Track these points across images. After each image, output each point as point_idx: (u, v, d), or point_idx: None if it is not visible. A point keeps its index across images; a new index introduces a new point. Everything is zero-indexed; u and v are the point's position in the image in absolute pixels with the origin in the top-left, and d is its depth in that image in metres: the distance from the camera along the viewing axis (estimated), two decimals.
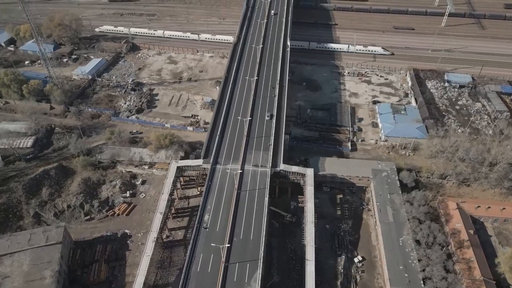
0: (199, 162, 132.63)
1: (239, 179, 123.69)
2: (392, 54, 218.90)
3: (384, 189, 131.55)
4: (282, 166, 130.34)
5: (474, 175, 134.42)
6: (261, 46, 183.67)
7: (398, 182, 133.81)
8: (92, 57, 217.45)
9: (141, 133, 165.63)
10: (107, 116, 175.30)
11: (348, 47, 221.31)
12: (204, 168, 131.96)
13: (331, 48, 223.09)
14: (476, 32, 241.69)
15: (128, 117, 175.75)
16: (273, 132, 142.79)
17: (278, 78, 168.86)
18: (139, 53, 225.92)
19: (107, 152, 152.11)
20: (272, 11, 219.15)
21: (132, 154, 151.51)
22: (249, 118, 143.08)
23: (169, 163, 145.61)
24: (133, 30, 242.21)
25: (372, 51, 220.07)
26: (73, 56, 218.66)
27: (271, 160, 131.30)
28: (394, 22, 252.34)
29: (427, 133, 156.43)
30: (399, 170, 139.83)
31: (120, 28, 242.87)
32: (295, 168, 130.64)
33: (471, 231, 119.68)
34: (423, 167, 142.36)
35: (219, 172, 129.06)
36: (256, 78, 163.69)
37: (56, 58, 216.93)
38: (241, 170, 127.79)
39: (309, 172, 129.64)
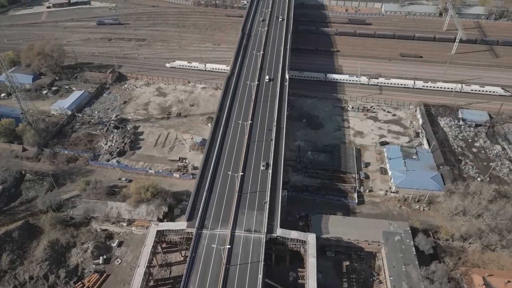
0: (183, 225, 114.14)
1: (228, 252, 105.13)
2: None
3: (397, 258, 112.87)
4: (279, 231, 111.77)
5: (502, 242, 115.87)
6: (256, 82, 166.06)
7: (413, 248, 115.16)
8: (74, 88, 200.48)
9: (131, 180, 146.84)
10: (85, 159, 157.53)
11: (462, 87, 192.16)
12: (188, 233, 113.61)
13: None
14: (490, 60, 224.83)
15: (108, 160, 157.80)
16: (269, 186, 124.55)
17: (275, 119, 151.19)
18: (125, 83, 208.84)
19: (81, 207, 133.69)
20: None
21: (108, 209, 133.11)
22: (241, 174, 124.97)
23: (150, 220, 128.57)
24: (210, 66, 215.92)
25: (489, 91, 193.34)
26: (54, 88, 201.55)
27: (266, 224, 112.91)
28: (400, 49, 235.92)
29: (444, 184, 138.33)
30: (413, 230, 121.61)
31: (195, 64, 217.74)
32: (294, 234, 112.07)
33: None
34: (442, 228, 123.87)
35: (205, 238, 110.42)
36: (250, 122, 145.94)
37: (35, 89, 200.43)
38: (231, 236, 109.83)
39: (311, 238, 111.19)
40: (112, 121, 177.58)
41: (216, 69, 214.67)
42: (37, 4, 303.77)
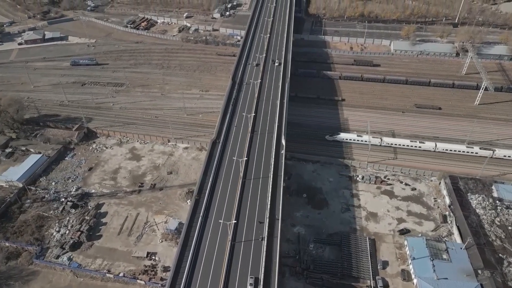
0: None
1: None
2: None
3: None
4: None
5: None
6: (245, 158, 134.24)
7: None
8: (32, 150, 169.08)
9: None
10: (29, 255, 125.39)
11: None
12: None
13: None
14: None
15: (58, 257, 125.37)
16: None
17: (268, 207, 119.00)
18: (94, 142, 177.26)
19: None
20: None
21: None
22: None
23: None
24: (391, 140, 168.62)
25: None
26: (8, 150, 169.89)
27: None
28: (414, 97, 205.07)
29: None
30: None
31: (365, 138, 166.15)
32: None
33: None
34: None
35: None
36: (235, 221, 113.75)
37: None
38: None
39: None
40: (71, 197, 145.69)
41: (399, 144, 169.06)
42: (9, 40, 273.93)
